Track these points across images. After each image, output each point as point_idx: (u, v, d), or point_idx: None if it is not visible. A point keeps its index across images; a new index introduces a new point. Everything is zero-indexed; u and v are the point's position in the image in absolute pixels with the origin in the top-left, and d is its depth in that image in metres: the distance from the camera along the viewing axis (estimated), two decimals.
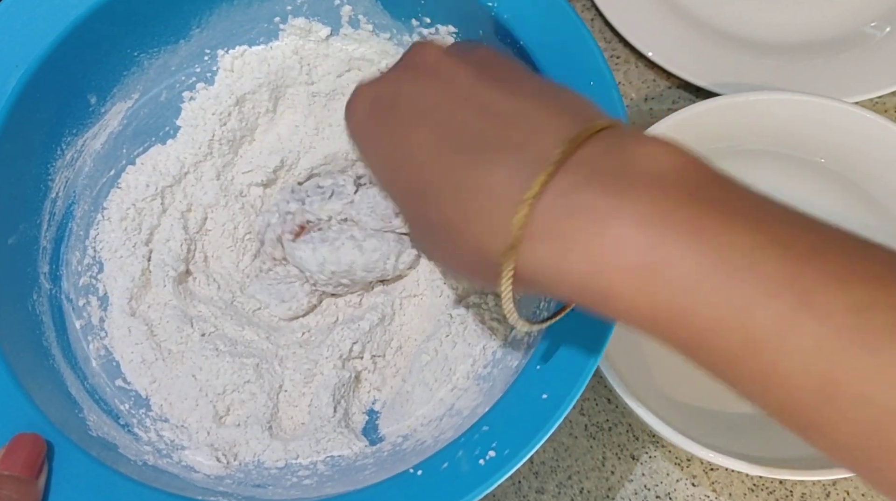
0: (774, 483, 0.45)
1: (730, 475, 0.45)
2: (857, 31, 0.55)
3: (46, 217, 0.39)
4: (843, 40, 0.55)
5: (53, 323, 0.38)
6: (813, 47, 0.55)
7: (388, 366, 0.41)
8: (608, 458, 0.46)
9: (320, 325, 0.43)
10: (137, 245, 0.42)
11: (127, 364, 0.40)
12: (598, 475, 0.45)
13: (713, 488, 0.45)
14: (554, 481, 0.45)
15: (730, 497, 0.45)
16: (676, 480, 0.45)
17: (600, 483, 0.45)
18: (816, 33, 0.56)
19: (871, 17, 0.55)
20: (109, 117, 0.41)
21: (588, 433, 0.46)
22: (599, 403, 0.47)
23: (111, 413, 0.38)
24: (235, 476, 0.37)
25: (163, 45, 0.42)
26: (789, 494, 0.45)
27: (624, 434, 0.46)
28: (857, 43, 0.54)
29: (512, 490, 0.45)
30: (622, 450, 0.46)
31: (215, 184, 0.43)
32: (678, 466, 0.45)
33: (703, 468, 0.45)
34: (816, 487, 0.45)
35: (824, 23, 0.56)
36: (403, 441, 0.38)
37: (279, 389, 0.40)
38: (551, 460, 0.45)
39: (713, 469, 0.45)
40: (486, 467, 0.31)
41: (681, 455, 0.46)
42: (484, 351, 0.40)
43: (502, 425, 0.32)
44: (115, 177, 0.42)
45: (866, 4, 0.56)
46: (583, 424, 0.46)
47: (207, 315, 0.42)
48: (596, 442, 0.46)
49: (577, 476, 0.45)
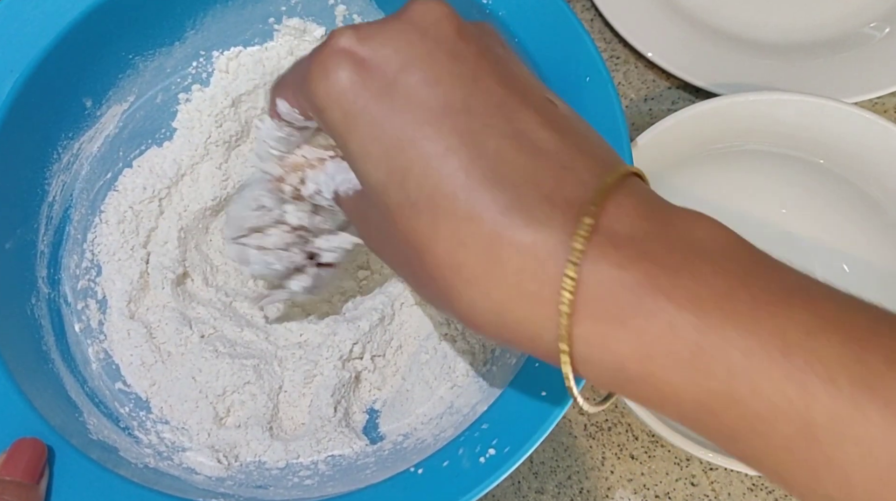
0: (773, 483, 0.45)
1: (729, 475, 0.45)
2: (856, 32, 0.55)
3: (44, 221, 0.39)
4: (842, 41, 0.55)
5: (52, 328, 0.38)
6: (812, 48, 0.55)
7: (388, 366, 0.41)
8: (608, 458, 0.46)
9: (319, 326, 0.43)
10: (135, 247, 0.42)
11: (126, 366, 0.40)
12: (598, 474, 0.45)
13: (712, 488, 0.45)
14: (553, 481, 0.45)
15: (729, 496, 0.45)
16: (676, 480, 0.45)
17: (600, 482, 0.45)
18: (816, 34, 0.55)
19: (870, 17, 0.55)
20: (105, 120, 0.41)
21: (587, 433, 0.46)
22: None
23: (111, 416, 0.38)
24: (237, 478, 0.37)
25: (157, 47, 0.42)
26: (787, 494, 0.45)
27: (623, 433, 0.46)
28: (856, 43, 0.54)
29: (511, 489, 0.45)
30: (622, 450, 0.46)
31: (212, 185, 0.43)
32: (677, 466, 0.45)
33: (703, 468, 0.45)
34: None
35: (824, 23, 0.56)
36: (404, 439, 0.38)
37: (279, 390, 0.41)
38: (551, 460, 0.45)
39: (712, 469, 0.45)
40: (486, 465, 0.31)
41: (680, 455, 0.46)
42: (483, 349, 0.40)
43: (502, 423, 0.32)
44: (111, 180, 0.42)
45: (866, 5, 0.56)
46: (582, 424, 0.46)
47: (206, 316, 0.42)
48: (595, 442, 0.46)
49: (577, 476, 0.45)
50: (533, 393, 0.32)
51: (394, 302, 0.42)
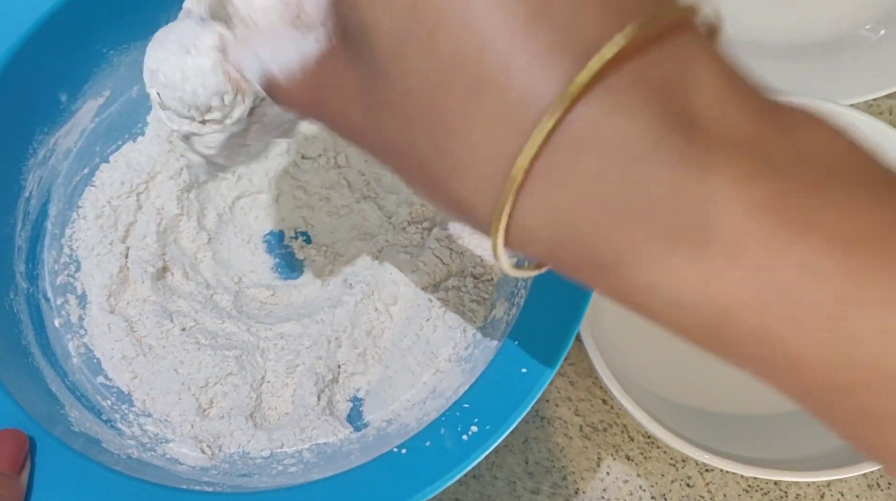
0: (769, 485, 0.45)
1: (725, 476, 0.45)
2: (852, 34, 0.55)
3: (21, 216, 0.39)
4: (838, 43, 0.55)
5: (32, 322, 0.38)
6: (808, 49, 0.55)
7: (369, 353, 0.41)
8: (603, 459, 0.46)
9: (301, 315, 0.43)
10: (114, 242, 0.41)
11: (108, 361, 0.40)
12: (593, 476, 0.45)
13: (708, 489, 0.45)
14: (549, 482, 0.45)
15: (724, 498, 0.45)
16: (671, 481, 0.45)
17: (595, 484, 0.45)
18: (811, 36, 0.55)
19: (865, 19, 0.55)
20: (81, 115, 0.41)
21: (583, 434, 0.46)
22: (594, 404, 0.47)
23: (93, 409, 0.38)
24: (220, 467, 0.37)
25: (132, 42, 0.42)
26: (784, 495, 0.45)
27: (619, 435, 0.46)
28: (852, 45, 0.54)
29: (507, 490, 0.45)
30: (617, 451, 0.46)
31: (187, 179, 0.43)
32: (673, 467, 0.45)
33: (698, 469, 0.45)
34: (811, 488, 0.45)
35: (819, 25, 0.56)
36: (388, 425, 0.38)
37: (262, 380, 0.41)
38: (546, 460, 0.45)
39: (708, 471, 0.46)
40: (468, 442, 0.32)
41: (676, 457, 0.46)
42: (465, 334, 0.40)
43: (483, 401, 0.32)
44: (89, 175, 0.42)
45: (861, 7, 0.56)
46: (578, 425, 0.46)
47: (187, 309, 0.42)
48: (591, 443, 0.46)
49: (572, 477, 0.45)
50: (513, 371, 0.33)
51: (374, 291, 0.42)
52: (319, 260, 0.45)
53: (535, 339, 0.33)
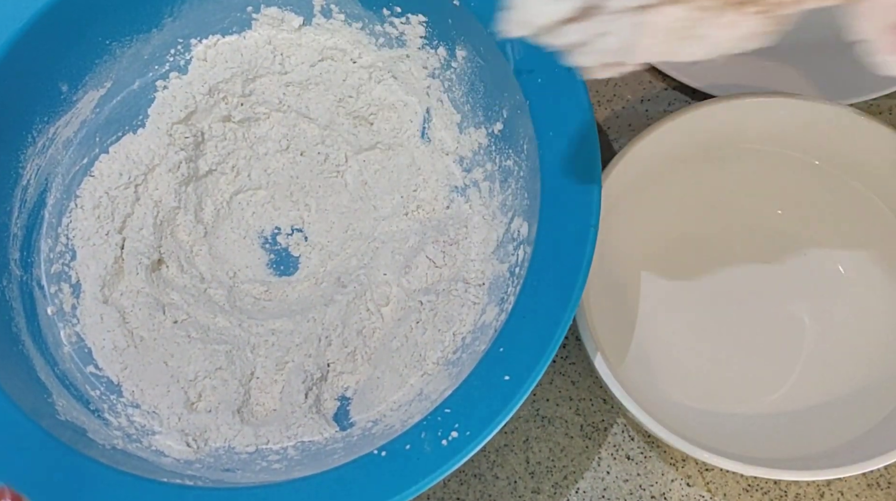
0: (769, 484, 0.45)
1: (725, 475, 0.45)
2: None
3: (17, 204, 0.39)
4: (837, 42, 0.55)
5: (24, 310, 0.39)
6: (807, 50, 0.54)
7: (359, 352, 0.41)
8: (604, 458, 0.46)
9: (293, 312, 0.43)
10: (110, 233, 0.42)
11: (99, 350, 0.40)
12: (594, 475, 0.45)
13: (708, 488, 0.45)
14: (550, 481, 0.45)
15: (724, 497, 0.45)
16: (671, 480, 0.45)
17: (596, 483, 0.45)
18: (811, 36, 0.55)
19: None
20: (82, 105, 0.42)
21: (584, 433, 0.46)
22: (595, 403, 0.47)
23: (81, 398, 0.38)
24: (205, 461, 0.37)
25: (134, 34, 0.42)
26: (784, 494, 0.45)
27: (619, 434, 0.46)
28: (851, 45, 0.54)
29: (508, 489, 0.45)
30: (618, 450, 0.46)
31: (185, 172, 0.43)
32: (673, 466, 0.45)
33: (699, 468, 0.45)
34: (811, 487, 0.45)
35: (819, 25, 0.56)
36: (373, 425, 0.39)
37: (251, 376, 0.41)
38: (547, 460, 0.45)
39: (708, 470, 0.45)
40: (448, 448, 0.31)
41: (676, 456, 0.46)
42: (454, 337, 0.40)
43: (465, 407, 0.32)
44: (88, 166, 0.42)
45: None
46: (578, 424, 0.46)
47: (180, 302, 0.42)
48: (592, 443, 0.46)
49: (573, 477, 0.45)
50: (496, 378, 0.32)
51: (366, 292, 0.42)
52: (314, 258, 0.45)
53: (519, 348, 0.33)
